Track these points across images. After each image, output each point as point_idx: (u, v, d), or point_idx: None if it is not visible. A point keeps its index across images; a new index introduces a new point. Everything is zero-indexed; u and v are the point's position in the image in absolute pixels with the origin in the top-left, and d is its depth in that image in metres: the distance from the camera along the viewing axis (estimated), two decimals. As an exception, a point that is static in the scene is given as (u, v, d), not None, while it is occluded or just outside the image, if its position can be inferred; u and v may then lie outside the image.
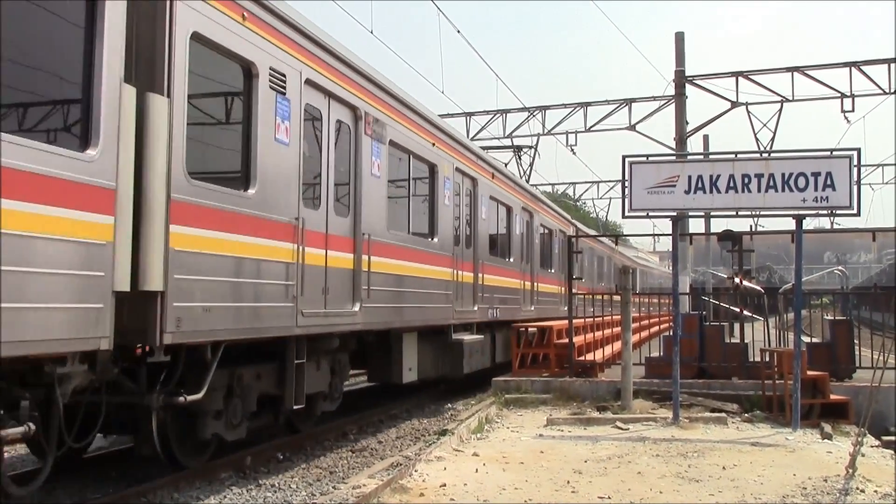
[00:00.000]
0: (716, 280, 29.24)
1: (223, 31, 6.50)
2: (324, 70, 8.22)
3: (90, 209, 5.07)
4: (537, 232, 18.38)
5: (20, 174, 4.56)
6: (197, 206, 6.11)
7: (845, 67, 22.55)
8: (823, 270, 36.78)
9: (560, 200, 38.48)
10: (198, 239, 6.11)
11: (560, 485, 6.86)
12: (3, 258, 4.41)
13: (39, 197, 4.69)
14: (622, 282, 11.64)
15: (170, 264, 5.74)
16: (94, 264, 5.10)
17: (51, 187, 4.77)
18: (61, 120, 5.28)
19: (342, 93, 8.63)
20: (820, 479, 6.97)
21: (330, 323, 8.36)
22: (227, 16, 6.57)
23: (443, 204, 11.93)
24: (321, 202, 8.29)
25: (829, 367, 11.34)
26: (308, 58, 7.90)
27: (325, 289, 8.22)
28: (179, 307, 5.86)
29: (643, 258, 50.50)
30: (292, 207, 7.56)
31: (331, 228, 8.42)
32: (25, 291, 4.59)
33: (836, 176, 9.50)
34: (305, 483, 7.62)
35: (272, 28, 7.25)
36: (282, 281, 7.34)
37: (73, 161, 4.97)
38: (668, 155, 18.43)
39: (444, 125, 12.42)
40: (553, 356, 13.48)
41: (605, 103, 27.93)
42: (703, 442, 8.80)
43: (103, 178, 5.18)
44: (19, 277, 4.54)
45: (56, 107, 5.26)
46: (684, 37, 22.16)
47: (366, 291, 8.98)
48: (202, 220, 6.17)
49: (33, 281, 4.66)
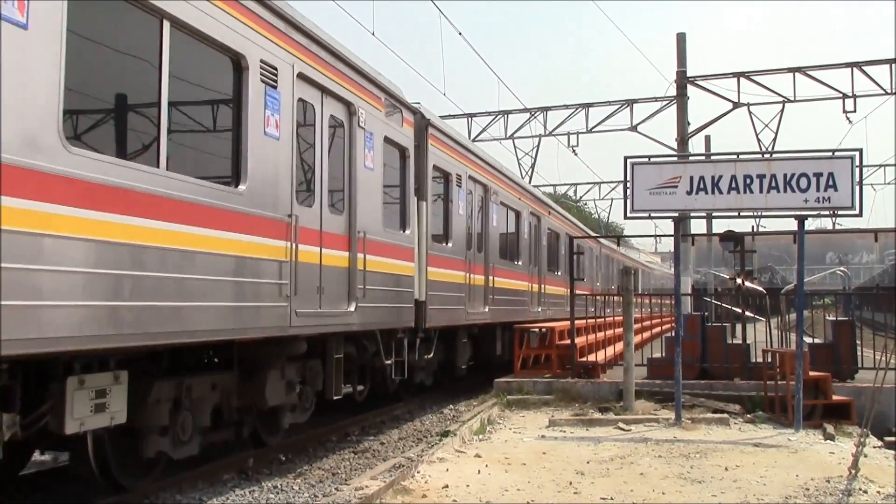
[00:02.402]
0: (717, 281, 29.21)
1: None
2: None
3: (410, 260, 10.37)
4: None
5: (391, 247, 9.78)
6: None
7: (847, 68, 22.53)
8: (825, 271, 36.72)
9: (562, 201, 38.46)
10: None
11: (562, 486, 6.86)
12: (392, 281, 9.75)
13: (402, 255, 10.15)
14: (624, 283, 11.64)
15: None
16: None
17: (403, 251, 10.12)
18: (398, 218, 10.34)
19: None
20: (822, 480, 6.96)
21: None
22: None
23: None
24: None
25: (831, 367, 11.33)
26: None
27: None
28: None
29: (645, 259, 50.48)
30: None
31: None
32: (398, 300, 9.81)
33: (838, 176, 9.50)
34: (308, 484, 7.62)
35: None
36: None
37: (404, 236, 10.27)
38: (670, 156, 18.42)
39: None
40: (555, 357, 13.48)
41: (606, 104, 27.99)
42: (705, 443, 8.80)
43: (413, 244, 10.43)
44: (396, 294, 9.85)
45: (396, 212, 10.28)
46: (686, 37, 22.14)
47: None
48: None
49: (401, 296, 10.02)
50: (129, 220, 5.37)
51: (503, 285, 14.77)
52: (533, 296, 17.28)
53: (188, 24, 6.07)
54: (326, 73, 8.28)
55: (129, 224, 5.36)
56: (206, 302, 6.15)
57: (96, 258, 5.08)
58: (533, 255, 17.56)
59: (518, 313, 15.84)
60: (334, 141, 8.65)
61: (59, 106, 4.82)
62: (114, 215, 5.23)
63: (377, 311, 9.33)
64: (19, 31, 4.61)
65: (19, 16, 4.63)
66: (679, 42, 22.08)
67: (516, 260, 16.18)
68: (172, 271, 5.75)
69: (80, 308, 4.96)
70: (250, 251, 6.75)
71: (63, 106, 4.86)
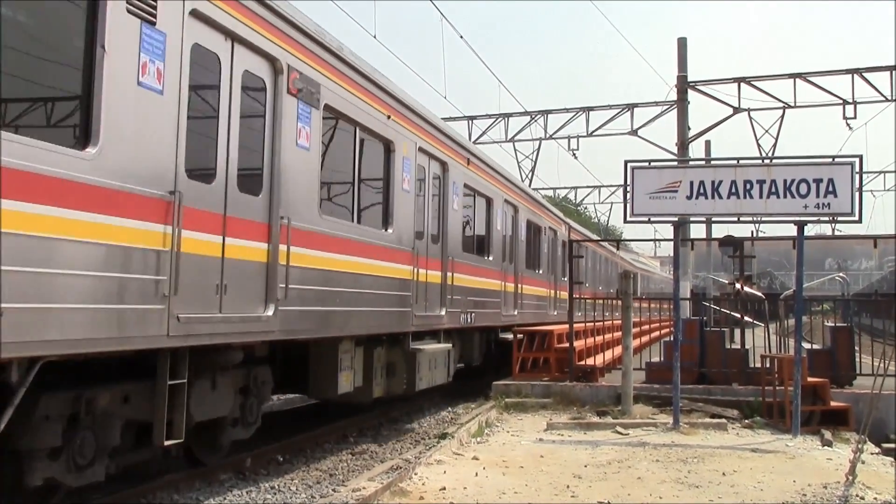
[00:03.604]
0: (716, 286, 29.21)
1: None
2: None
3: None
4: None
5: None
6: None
7: (847, 74, 22.57)
8: (824, 277, 36.69)
9: (561, 205, 38.51)
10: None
11: (560, 489, 6.86)
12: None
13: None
14: (623, 286, 11.64)
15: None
16: None
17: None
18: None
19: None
20: (820, 486, 6.96)
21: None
22: None
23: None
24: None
25: (829, 373, 11.34)
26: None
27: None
28: None
29: (643, 262, 50.48)
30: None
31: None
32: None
33: (838, 182, 9.52)
34: (305, 485, 7.62)
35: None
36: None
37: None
38: (670, 160, 18.44)
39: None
40: (553, 360, 13.47)
41: (607, 108, 28.04)
42: (703, 447, 8.80)
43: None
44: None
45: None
46: (687, 42, 22.17)
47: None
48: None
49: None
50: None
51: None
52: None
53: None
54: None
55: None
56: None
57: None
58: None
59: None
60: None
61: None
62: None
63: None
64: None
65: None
66: (680, 47, 22.10)
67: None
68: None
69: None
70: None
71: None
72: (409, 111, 10.42)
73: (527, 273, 17.01)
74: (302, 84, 7.55)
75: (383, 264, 9.47)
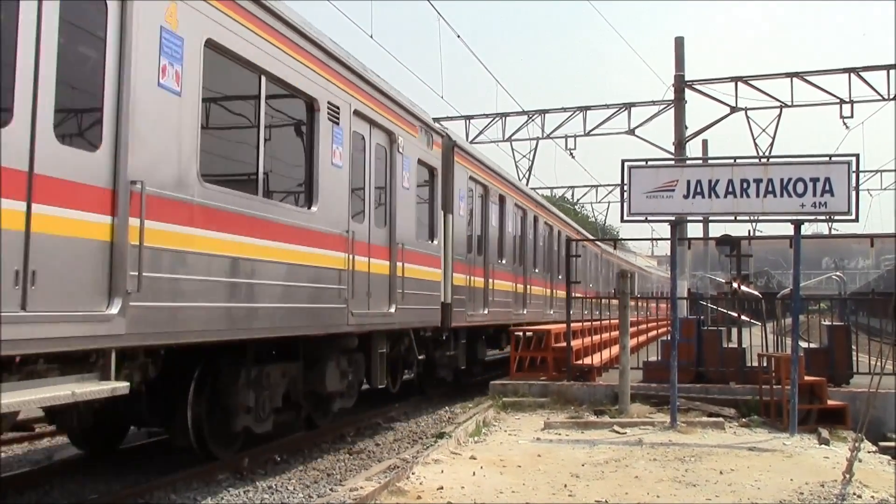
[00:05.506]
0: (713, 285, 29.26)
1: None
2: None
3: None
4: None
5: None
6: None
7: (844, 73, 22.61)
8: (821, 276, 36.77)
9: (559, 204, 38.52)
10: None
11: (557, 488, 6.86)
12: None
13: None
14: (620, 286, 11.64)
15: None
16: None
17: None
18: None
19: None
20: (817, 485, 6.97)
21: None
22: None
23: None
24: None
25: (826, 372, 11.34)
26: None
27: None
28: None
29: (641, 262, 50.50)
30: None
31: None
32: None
33: (835, 181, 9.52)
34: (303, 485, 7.62)
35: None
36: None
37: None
38: (668, 159, 18.46)
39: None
40: (551, 360, 13.46)
41: (604, 107, 28.03)
42: (700, 446, 8.80)
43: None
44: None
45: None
46: (684, 41, 22.19)
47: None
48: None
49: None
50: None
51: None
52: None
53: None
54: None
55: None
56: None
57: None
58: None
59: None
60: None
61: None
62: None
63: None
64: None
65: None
66: (677, 46, 22.12)
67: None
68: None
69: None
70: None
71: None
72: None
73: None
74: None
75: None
